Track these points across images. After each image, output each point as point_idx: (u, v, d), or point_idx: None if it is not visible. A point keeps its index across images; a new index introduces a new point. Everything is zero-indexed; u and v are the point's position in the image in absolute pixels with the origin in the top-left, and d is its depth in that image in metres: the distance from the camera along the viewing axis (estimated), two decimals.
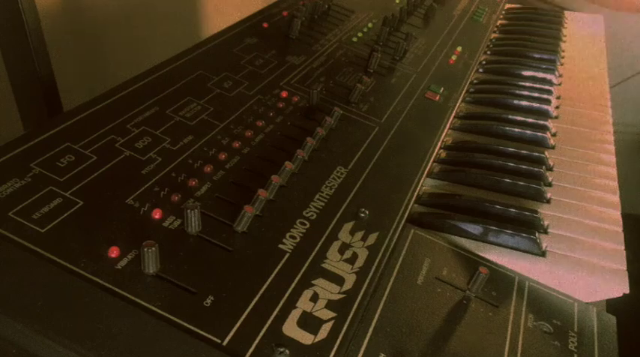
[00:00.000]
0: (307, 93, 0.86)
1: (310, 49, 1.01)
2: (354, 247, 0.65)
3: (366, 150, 0.81)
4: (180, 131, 0.72)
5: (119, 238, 0.56)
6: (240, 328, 0.52)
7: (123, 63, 1.37)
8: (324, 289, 0.59)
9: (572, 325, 0.67)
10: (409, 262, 0.67)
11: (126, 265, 0.54)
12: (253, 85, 0.85)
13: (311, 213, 0.67)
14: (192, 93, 0.79)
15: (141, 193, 0.62)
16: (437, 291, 0.65)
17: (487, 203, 0.80)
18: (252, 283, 0.56)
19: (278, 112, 0.82)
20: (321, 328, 0.55)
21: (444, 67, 1.13)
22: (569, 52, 1.38)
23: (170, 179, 0.65)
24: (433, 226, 0.76)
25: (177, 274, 0.55)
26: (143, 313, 0.51)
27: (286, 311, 0.55)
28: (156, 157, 0.67)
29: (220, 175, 0.68)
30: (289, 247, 0.62)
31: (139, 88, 0.77)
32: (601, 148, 1.01)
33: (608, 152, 1.00)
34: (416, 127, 0.91)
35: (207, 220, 0.61)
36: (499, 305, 0.66)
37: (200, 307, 0.53)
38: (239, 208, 0.61)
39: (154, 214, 0.60)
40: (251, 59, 0.92)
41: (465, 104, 1.09)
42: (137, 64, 0.85)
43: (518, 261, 0.74)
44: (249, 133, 0.76)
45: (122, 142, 0.68)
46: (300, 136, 0.76)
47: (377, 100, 0.93)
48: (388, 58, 1.07)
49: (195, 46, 0.90)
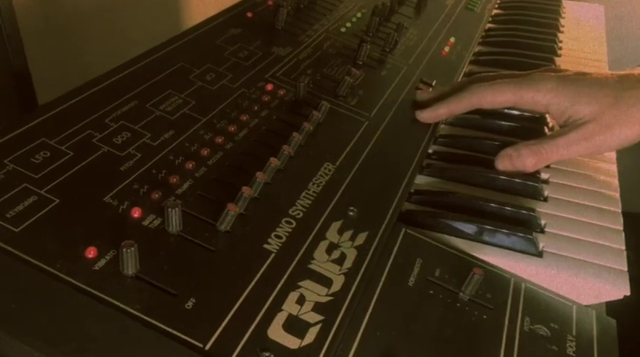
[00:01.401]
0: (293, 86, 0.86)
1: (297, 39, 1.01)
2: (343, 247, 0.65)
3: (354, 145, 0.81)
4: (161, 126, 0.72)
5: (97, 237, 0.56)
6: (223, 331, 0.52)
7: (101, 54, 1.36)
8: (311, 291, 0.59)
9: (570, 328, 0.67)
10: (400, 262, 0.68)
11: (104, 266, 0.54)
12: (237, 78, 0.86)
13: (297, 211, 0.67)
14: (173, 86, 0.79)
15: (119, 190, 0.62)
16: (429, 293, 0.65)
17: (482, 201, 0.81)
18: (236, 284, 0.57)
19: (263, 106, 0.82)
20: (308, 331, 0.55)
21: (437, 58, 1.13)
22: (568, 43, 1.39)
23: (150, 176, 0.65)
24: (425, 225, 0.76)
25: (158, 275, 0.55)
26: (122, 316, 0.51)
27: (271, 314, 0.55)
28: (135, 153, 0.67)
29: (202, 172, 0.68)
30: (274, 247, 0.62)
31: (118, 81, 0.77)
32: None
33: None
34: (407, 121, 0.91)
35: (188, 218, 0.61)
36: (494, 308, 0.66)
37: (181, 309, 0.53)
38: (222, 206, 0.61)
39: (133, 212, 0.60)
40: (235, 51, 0.92)
41: None
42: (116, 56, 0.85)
43: (514, 262, 0.74)
44: (233, 128, 0.76)
45: (100, 137, 0.68)
46: (286, 131, 0.76)
47: (366, 94, 0.93)
48: (378, 49, 1.07)
49: (176, 37, 0.90)
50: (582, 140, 0.84)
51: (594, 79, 0.86)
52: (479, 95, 0.89)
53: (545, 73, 0.89)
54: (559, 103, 0.86)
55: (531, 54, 1.25)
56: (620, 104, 0.82)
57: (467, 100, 0.90)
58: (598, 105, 0.83)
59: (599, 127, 0.83)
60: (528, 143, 0.86)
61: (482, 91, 0.89)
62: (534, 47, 1.30)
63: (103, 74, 0.77)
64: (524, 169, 0.86)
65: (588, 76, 0.87)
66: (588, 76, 0.87)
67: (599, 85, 0.84)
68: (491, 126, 1.00)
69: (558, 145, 0.85)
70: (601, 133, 0.83)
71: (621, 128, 0.82)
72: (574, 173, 0.92)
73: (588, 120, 0.84)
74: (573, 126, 0.85)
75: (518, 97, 0.88)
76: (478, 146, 0.94)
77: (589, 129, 0.83)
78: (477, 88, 0.89)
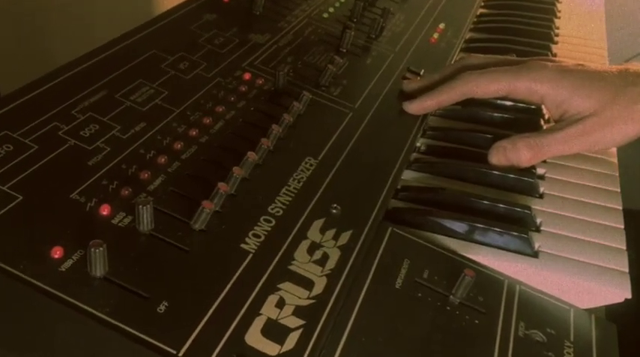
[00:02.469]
0: (273, 75, 0.86)
1: (276, 26, 1.01)
2: (325, 247, 0.65)
3: (338, 138, 0.81)
4: (131, 118, 0.72)
5: (63, 237, 0.56)
6: (198, 337, 0.52)
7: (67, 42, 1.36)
8: (292, 293, 0.59)
9: (567, 334, 0.68)
10: (386, 263, 0.68)
11: (70, 267, 0.54)
12: (212, 67, 0.86)
13: (277, 209, 0.67)
14: (145, 75, 0.79)
15: (87, 186, 0.62)
16: (417, 296, 0.66)
17: (473, 198, 0.81)
18: (211, 287, 0.57)
19: (240, 97, 0.82)
20: (288, 337, 0.55)
21: (425, 46, 1.14)
22: (565, 30, 1.39)
23: (120, 171, 0.65)
24: (413, 224, 0.76)
25: (128, 277, 0.55)
26: (89, 320, 0.51)
27: (249, 318, 0.55)
28: (104, 147, 0.67)
29: (176, 167, 0.68)
30: (252, 247, 0.62)
31: (85, 70, 0.77)
32: None
33: None
34: (394, 113, 0.91)
35: (161, 216, 0.62)
36: (486, 312, 0.67)
37: (153, 313, 0.53)
38: (196, 203, 0.62)
39: (102, 210, 0.60)
40: (210, 37, 0.92)
41: None
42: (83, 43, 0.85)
43: (507, 262, 0.74)
44: (208, 120, 0.76)
45: (66, 129, 0.68)
46: (265, 123, 0.76)
47: (350, 83, 0.93)
48: (363, 36, 1.07)
49: (147, 23, 0.90)
50: (581, 135, 0.84)
51: (594, 71, 0.86)
52: (470, 84, 0.89)
53: (542, 62, 0.90)
54: (556, 95, 0.86)
55: (526, 41, 1.26)
56: (621, 100, 0.82)
57: (457, 89, 0.90)
58: (598, 99, 0.83)
59: (599, 122, 0.83)
60: (524, 136, 0.86)
61: (474, 80, 0.89)
62: (529, 34, 1.30)
63: (69, 63, 0.77)
64: (519, 163, 0.86)
65: (587, 68, 0.87)
66: (587, 68, 0.87)
67: (599, 79, 0.85)
68: (484, 118, 1.01)
69: (556, 140, 0.85)
70: (600, 129, 0.83)
71: (622, 125, 0.83)
72: (572, 168, 0.93)
73: (587, 115, 0.84)
74: (572, 120, 0.85)
75: (512, 86, 0.88)
76: (469, 139, 0.94)
77: (588, 124, 0.84)
78: (468, 77, 0.89)
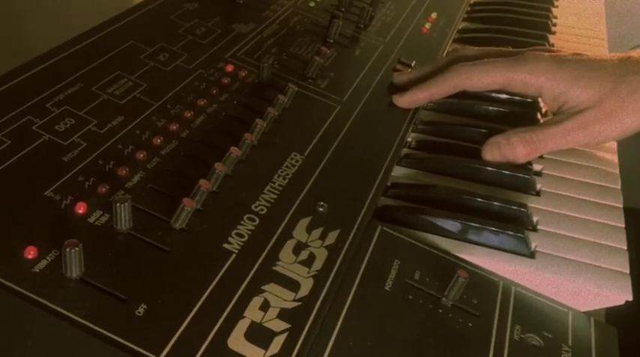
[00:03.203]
0: (257, 67, 0.86)
1: (260, 15, 1.01)
2: (312, 247, 0.65)
3: (325, 133, 0.81)
4: (109, 111, 0.72)
5: (37, 236, 0.56)
6: (178, 341, 0.52)
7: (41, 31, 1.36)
8: (277, 295, 0.59)
9: (565, 338, 0.68)
10: (376, 264, 0.68)
11: (45, 268, 0.54)
12: (194, 58, 0.86)
13: (261, 207, 0.68)
14: (123, 67, 0.79)
15: (62, 183, 0.62)
16: (408, 298, 0.66)
17: (467, 195, 0.81)
18: (192, 288, 0.57)
19: (223, 90, 0.82)
20: (273, 341, 0.56)
21: (417, 36, 1.14)
22: (562, 19, 1.40)
23: (96, 167, 0.65)
24: (404, 222, 0.77)
25: (105, 279, 0.55)
26: (65, 324, 0.51)
27: (232, 322, 0.56)
28: (80, 142, 0.67)
29: (155, 163, 0.68)
30: (236, 247, 0.62)
31: (60, 61, 0.77)
32: None
33: None
34: (383, 106, 0.92)
35: (139, 215, 0.62)
36: (480, 315, 0.67)
37: (131, 316, 0.53)
38: (177, 201, 0.62)
39: (78, 208, 0.60)
40: (191, 27, 0.92)
41: None
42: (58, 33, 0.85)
43: (502, 263, 0.74)
44: (189, 114, 0.76)
45: (40, 123, 0.68)
46: (249, 117, 0.76)
47: (338, 75, 0.93)
48: (351, 25, 1.08)
49: (125, 12, 0.90)
50: (579, 129, 0.84)
51: (593, 61, 0.86)
52: (463, 76, 0.89)
53: (538, 53, 0.90)
54: (553, 87, 0.86)
55: (522, 31, 1.26)
56: (621, 90, 0.82)
57: (450, 82, 0.90)
58: (597, 90, 0.84)
59: (599, 114, 0.83)
60: (519, 131, 0.86)
61: (467, 72, 0.89)
62: (526, 24, 1.31)
63: (43, 54, 0.77)
64: (514, 159, 0.86)
65: (585, 58, 0.87)
66: (585, 57, 0.88)
67: (598, 68, 0.85)
68: (478, 111, 1.01)
69: (553, 134, 0.85)
70: (600, 121, 0.83)
71: (622, 116, 0.83)
72: (570, 164, 0.93)
73: (586, 106, 0.84)
74: (570, 113, 0.85)
75: (507, 79, 0.88)
76: (462, 134, 0.94)
77: (587, 116, 0.84)
78: (460, 69, 0.90)
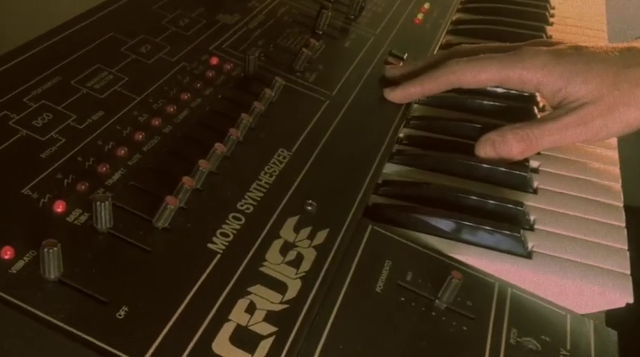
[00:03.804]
0: (242, 59, 0.86)
1: (246, 6, 1.01)
2: (300, 247, 0.65)
3: (313, 129, 0.82)
4: (88, 106, 0.72)
5: (13, 236, 0.56)
6: (161, 345, 0.52)
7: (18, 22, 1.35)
8: (263, 297, 0.59)
9: (563, 341, 0.68)
10: (366, 264, 0.68)
11: (22, 269, 0.54)
12: (177, 50, 0.86)
13: (247, 205, 0.68)
14: (103, 59, 0.79)
15: (40, 181, 0.62)
16: (400, 300, 0.66)
17: (461, 193, 0.81)
18: (175, 290, 0.57)
19: (207, 83, 0.82)
20: (259, 345, 0.56)
21: (409, 27, 1.14)
22: (561, 10, 1.40)
23: (76, 164, 0.65)
24: (395, 221, 0.77)
25: (84, 280, 0.55)
26: (42, 327, 0.51)
27: (217, 325, 0.56)
28: (58, 138, 0.67)
29: (137, 160, 0.68)
30: (220, 247, 0.62)
31: (38, 54, 0.77)
32: None
33: None
34: (374, 100, 0.92)
35: (120, 213, 0.62)
36: (475, 317, 0.67)
37: (112, 319, 0.53)
38: (159, 199, 0.62)
39: (56, 206, 0.60)
40: (174, 18, 0.92)
41: None
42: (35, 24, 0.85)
43: (498, 264, 0.75)
44: (172, 109, 0.76)
45: (17, 119, 0.68)
46: (234, 111, 0.76)
47: (327, 68, 0.94)
48: (341, 16, 1.08)
49: (105, 3, 0.90)
50: (579, 124, 0.84)
51: (592, 53, 0.86)
52: (458, 73, 0.89)
53: (535, 47, 0.90)
54: (552, 83, 0.86)
55: (519, 23, 1.26)
56: (623, 83, 0.82)
57: (444, 78, 0.90)
58: (597, 84, 0.83)
59: (599, 109, 0.83)
60: (515, 127, 0.86)
61: (462, 69, 0.89)
62: (522, 15, 1.31)
63: (20, 46, 0.77)
64: (509, 157, 0.86)
65: (585, 51, 0.87)
66: (585, 50, 0.87)
67: (598, 61, 0.85)
68: (472, 106, 1.01)
69: (551, 130, 0.85)
70: (601, 116, 0.83)
71: (624, 111, 0.82)
72: (568, 161, 0.93)
73: (586, 101, 0.84)
74: (569, 108, 0.85)
75: (503, 75, 0.88)
76: (457, 129, 0.95)
77: (587, 111, 0.84)
78: (455, 65, 0.89)
